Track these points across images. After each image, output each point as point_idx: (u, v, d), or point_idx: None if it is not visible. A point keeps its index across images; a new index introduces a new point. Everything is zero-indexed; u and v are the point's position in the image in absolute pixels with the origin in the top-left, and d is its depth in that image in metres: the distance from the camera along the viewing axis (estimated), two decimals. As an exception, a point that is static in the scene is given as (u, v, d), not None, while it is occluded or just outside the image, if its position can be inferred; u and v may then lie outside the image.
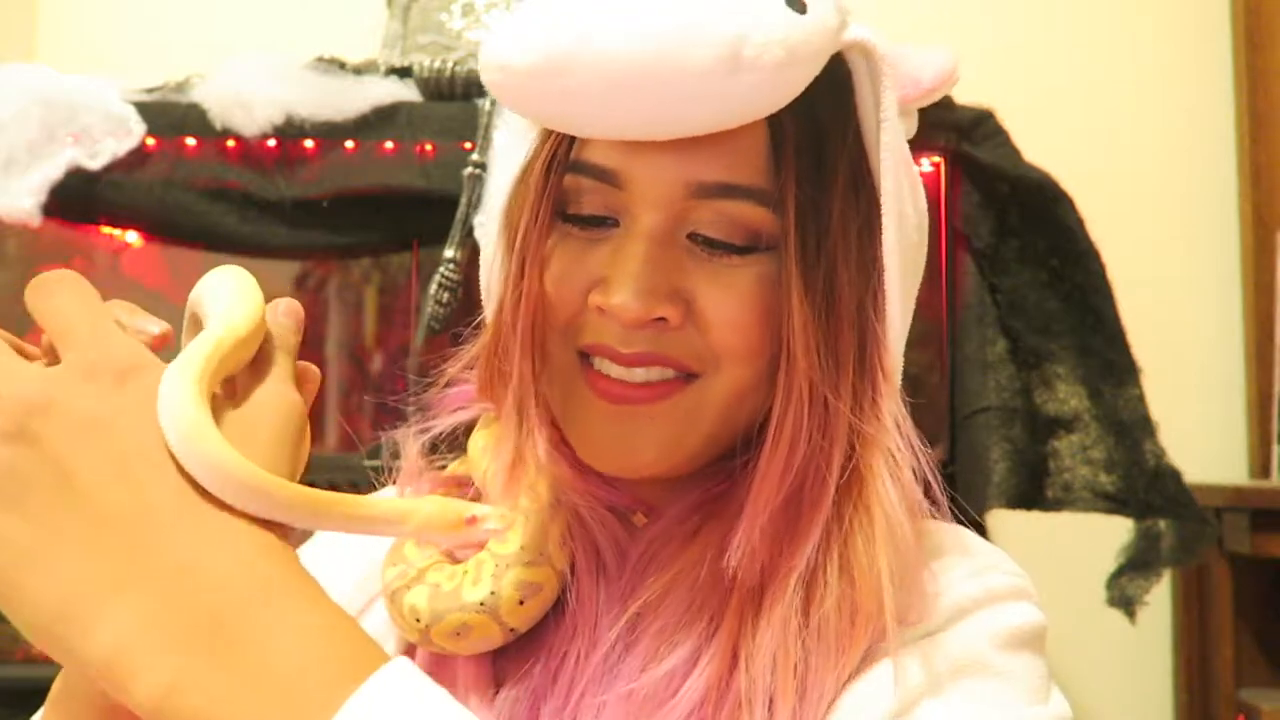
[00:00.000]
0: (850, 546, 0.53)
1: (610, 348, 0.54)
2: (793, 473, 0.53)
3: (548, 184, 0.56)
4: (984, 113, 1.34)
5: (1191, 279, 1.91)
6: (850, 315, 0.54)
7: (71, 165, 1.27)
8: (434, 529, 0.44)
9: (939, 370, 1.37)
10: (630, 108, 0.50)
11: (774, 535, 0.53)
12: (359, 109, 1.32)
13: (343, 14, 1.83)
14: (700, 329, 0.54)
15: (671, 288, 0.53)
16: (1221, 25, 1.94)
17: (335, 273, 1.46)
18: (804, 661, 0.51)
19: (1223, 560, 1.70)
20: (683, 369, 0.55)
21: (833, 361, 0.53)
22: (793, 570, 0.52)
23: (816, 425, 0.53)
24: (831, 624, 0.52)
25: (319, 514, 0.42)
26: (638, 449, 0.55)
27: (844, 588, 0.52)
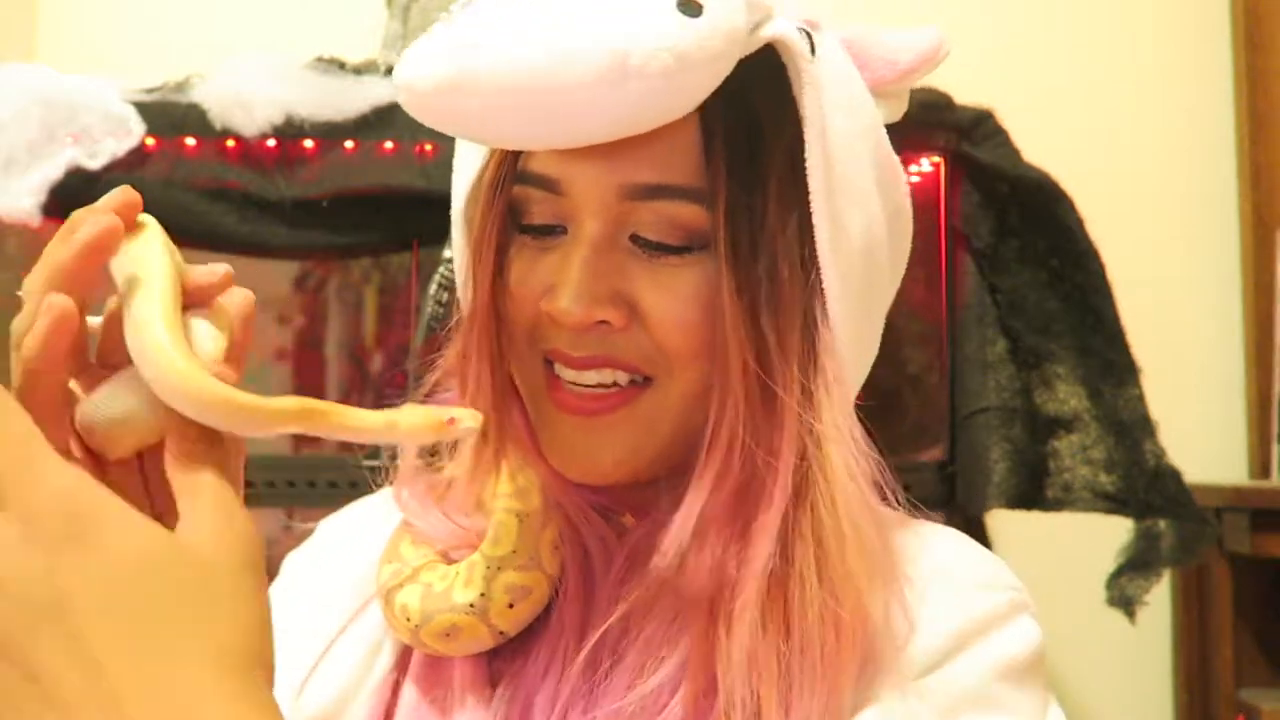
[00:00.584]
0: (823, 550, 0.52)
1: (562, 352, 0.56)
2: (734, 469, 0.53)
3: (495, 197, 0.57)
4: (984, 113, 1.34)
5: (1191, 279, 1.91)
6: (796, 309, 0.54)
7: (71, 165, 1.27)
8: (419, 433, 0.45)
9: (939, 370, 1.37)
10: (525, 121, 0.51)
11: (724, 537, 0.53)
12: (359, 109, 1.32)
13: (342, 14, 1.83)
14: (647, 331, 0.55)
15: (612, 291, 0.55)
16: (1221, 26, 1.94)
17: (335, 273, 1.46)
18: (787, 677, 0.51)
19: (1223, 560, 1.69)
20: (633, 371, 0.56)
21: (779, 357, 0.53)
22: (752, 574, 0.52)
23: (759, 419, 0.53)
24: (815, 638, 0.51)
25: (309, 424, 0.43)
26: (597, 458, 0.57)
27: (825, 597, 0.52)
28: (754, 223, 0.54)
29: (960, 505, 1.32)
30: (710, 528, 0.53)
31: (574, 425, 0.57)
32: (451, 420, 0.45)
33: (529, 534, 0.58)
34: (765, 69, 0.54)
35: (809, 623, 0.51)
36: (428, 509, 0.62)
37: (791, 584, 0.52)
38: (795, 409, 0.53)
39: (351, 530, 0.69)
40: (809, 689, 0.51)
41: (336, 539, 0.70)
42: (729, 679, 0.51)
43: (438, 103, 0.52)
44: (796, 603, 0.52)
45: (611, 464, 0.57)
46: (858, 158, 0.57)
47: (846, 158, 0.56)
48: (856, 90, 0.59)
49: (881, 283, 0.60)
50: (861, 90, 0.60)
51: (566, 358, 0.56)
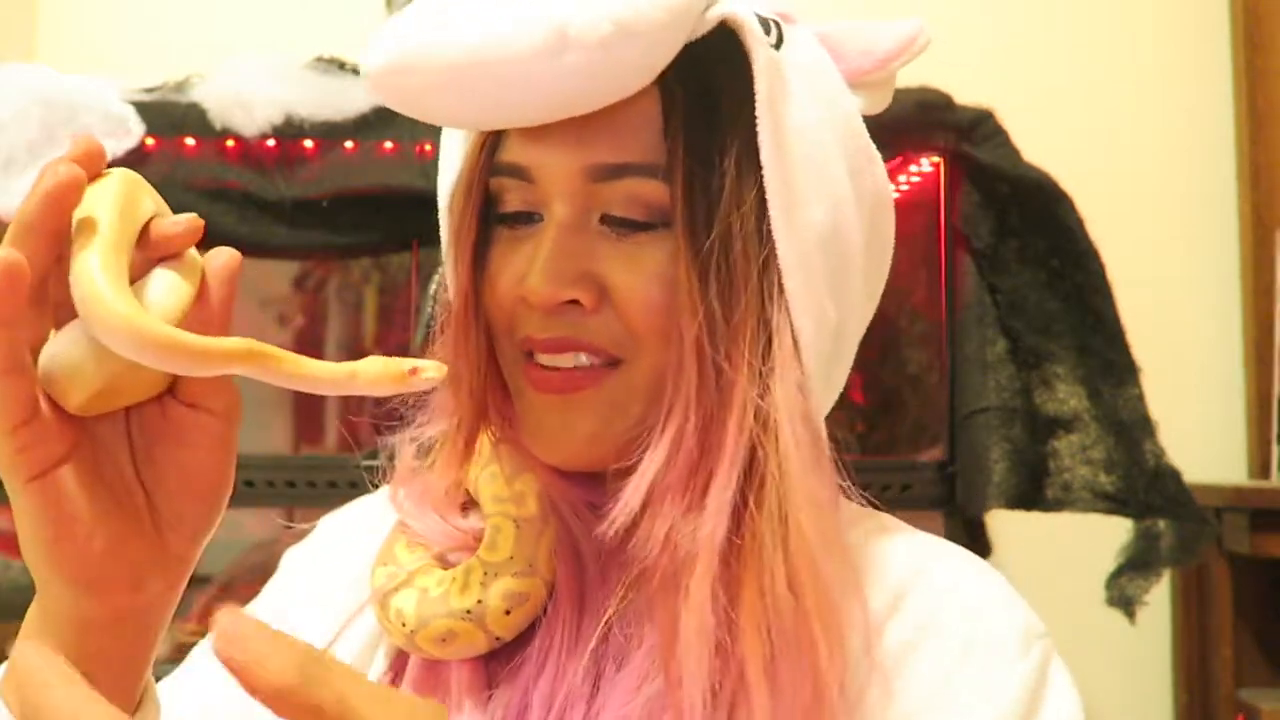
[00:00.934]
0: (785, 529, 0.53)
1: (533, 337, 0.56)
2: (686, 442, 0.53)
3: (472, 189, 0.58)
4: (984, 113, 1.34)
5: (1191, 279, 1.91)
6: (749, 287, 0.55)
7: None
8: (379, 383, 0.45)
9: (939, 370, 1.37)
10: (472, 97, 0.52)
11: (677, 508, 0.53)
12: (359, 109, 1.32)
13: (342, 14, 1.83)
14: (617, 312, 0.55)
15: (581, 271, 0.55)
16: (1221, 26, 1.94)
17: (335, 273, 1.46)
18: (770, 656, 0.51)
19: (1222, 560, 1.70)
20: (603, 354, 0.56)
21: (729, 332, 0.54)
22: (704, 548, 0.52)
23: (709, 393, 0.53)
24: (787, 612, 0.51)
25: (257, 367, 0.42)
26: (569, 437, 0.57)
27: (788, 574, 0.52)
28: (710, 197, 0.54)
29: (960, 505, 1.32)
30: (665, 497, 0.53)
31: (548, 405, 0.57)
32: (414, 370, 0.45)
33: (526, 540, 0.58)
34: (728, 53, 0.55)
35: (771, 598, 0.51)
36: (424, 510, 0.62)
37: (748, 561, 0.52)
38: (742, 383, 0.54)
39: (350, 529, 0.69)
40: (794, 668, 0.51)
41: (336, 537, 0.70)
42: (687, 658, 0.50)
43: (387, 83, 0.53)
44: (753, 578, 0.52)
45: (584, 444, 0.57)
46: (822, 144, 0.57)
47: (810, 141, 0.57)
48: (828, 81, 0.60)
49: (850, 270, 0.59)
50: (834, 82, 0.60)
51: (536, 342, 0.56)
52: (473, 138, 0.60)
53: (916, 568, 0.58)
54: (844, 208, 0.58)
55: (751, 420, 0.54)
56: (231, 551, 1.47)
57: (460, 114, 0.56)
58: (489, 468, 0.61)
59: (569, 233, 0.56)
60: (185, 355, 0.40)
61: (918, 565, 0.58)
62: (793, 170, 0.56)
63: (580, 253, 0.55)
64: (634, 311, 0.55)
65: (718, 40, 0.54)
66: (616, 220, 0.56)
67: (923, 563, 0.59)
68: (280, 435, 1.50)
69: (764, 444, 0.54)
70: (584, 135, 0.55)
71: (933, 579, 0.58)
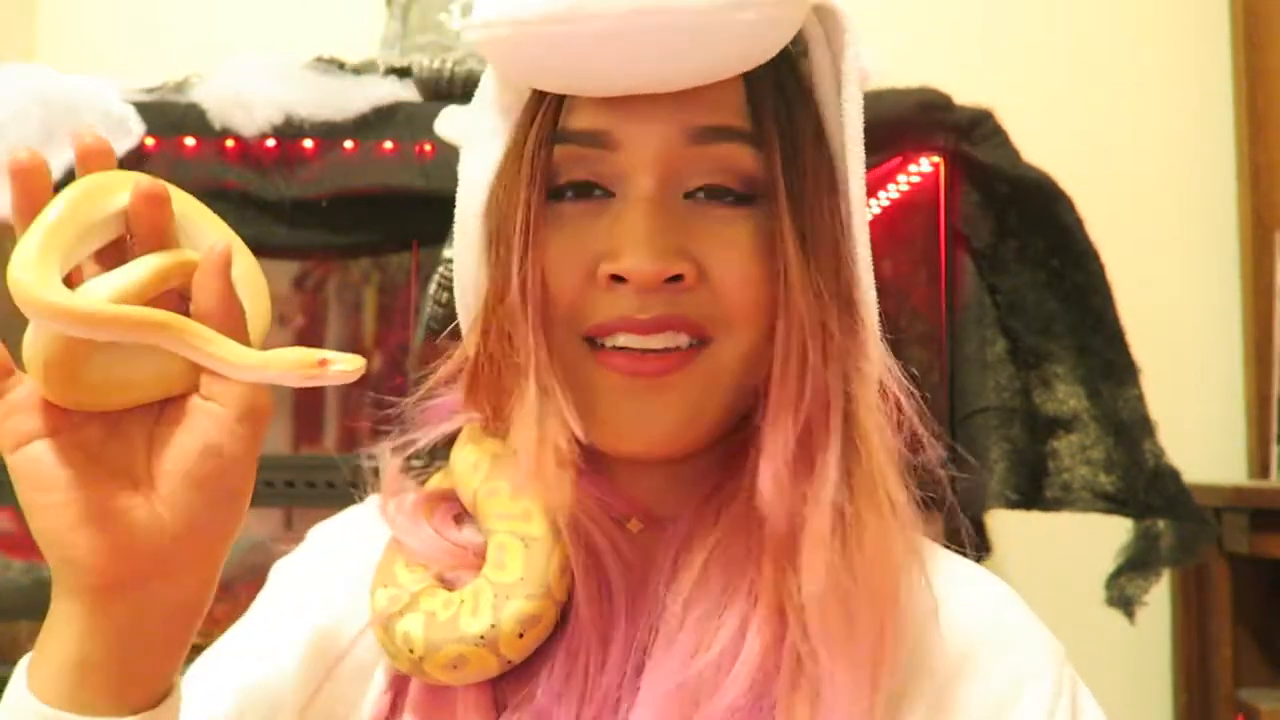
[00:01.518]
0: (872, 484, 0.54)
1: (628, 318, 0.53)
2: (803, 408, 0.53)
3: (536, 165, 0.55)
4: (983, 113, 1.34)
5: (1191, 279, 1.91)
6: (829, 259, 0.55)
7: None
8: (291, 374, 0.45)
9: (938, 370, 1.37)
10: (634, 54, 0.50)
11: (794, 477, 0.53)
12: (358, 109, 1.32)
13: (342, 14, 1.83)
14: (712, 289, 0.54)
15: (680, 245, 0.53)
16: (1220, 25, 1.94)
17: (334, 273, 1.46)
18: (849, 616, 0.52)
19: (1222, 560, 1.70)
20: (698, 332, 0.55)
21: (821, 299, 0.54)
22: (822, 511, 0.52)
23: (816, 357, 0.53)
24: (871, 562, 0.52)
25: (168, 339, 0.43)
26: (659, 421, 0.55)
27: (874, 522, 0.53)
28: (798, 171, 0.55)
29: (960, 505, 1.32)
30: (787, 467, 0.53)
31: (631, 391, 0.54)
32: (323, 362, 0.44)
33: (536, 560, 0.56)
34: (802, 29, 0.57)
35: (867, 558, 0.52)
36: (418, 525, 0.60)
37: (849, 519, 0.53)
38: (840, 344, 0.54)
39: (341, 538, 0.67)
40: (865, 617, 0.52)
41: (326, 546, 0.68)
42: (807, 619, 0.51)
43: (546, 32, 0.50)
44: (855, 533, 0.52)
45: (676, 428, 0.55)
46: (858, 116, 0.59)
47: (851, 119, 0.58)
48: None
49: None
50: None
51: (632, 322, 0.53)
52: (522, 110, 0.58)
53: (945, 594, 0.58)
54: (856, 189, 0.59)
55: (848, 382, 0.54)
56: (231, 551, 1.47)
57: (616, 71, 0.52)
58: (489, 483, 0.59)
59: (660, 207, 0.53)
60: (93, 322, 0.41)
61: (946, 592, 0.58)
62: (858, 149, 0.57)
63: (676, 227, 0.54)
64: (732, 288, 0.54)
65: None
66: (713, 190, 0.55)
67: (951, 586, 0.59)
68: (280, 435, 1.50)
69: (855, 406, 0.54)
70: (675, 99, 0.53)
71: (963, 606, 0.58)
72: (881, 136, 0.64)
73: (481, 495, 0.59)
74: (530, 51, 0.52)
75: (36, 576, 1.51)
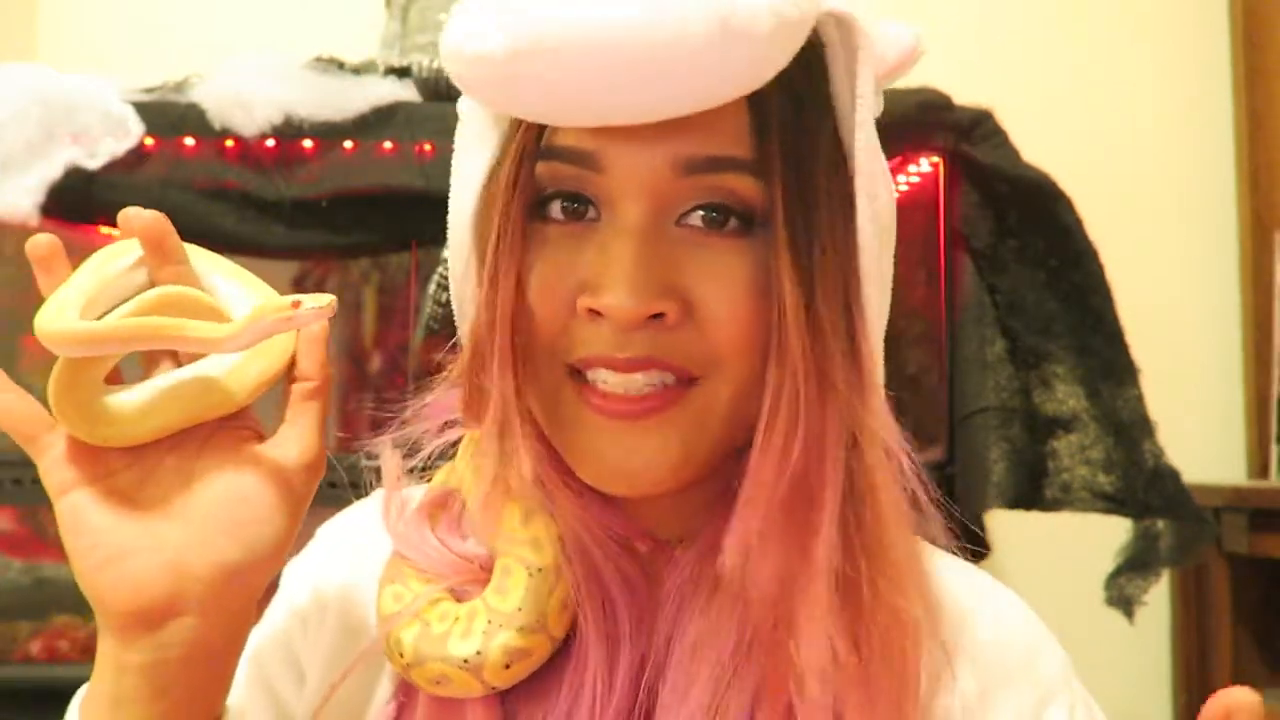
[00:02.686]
0: (881, 547, 0.51)
1: (606, 356, 0.50)
2: (790, 463, 0.49)
3: (518, 182, 0.52)
4: (983, 113, 1.34)
5: (1190, 279, 1.91)
6: (837, 297, 0.51)
7: (70, 165, 1.27)
8: (270, 322, 0.47)
9: (938, 370, 1.37)
10: (617, 88, 0.46)
11: (783, 536, 0.50)
12: (358, 109, 1.32)
13: (341, 14, 1.83)
14: (698, 327, 0.51)
15: (667, 283, 0.50)
16: (1220, 25, 1.94)
17: (334, 273, 1.46)
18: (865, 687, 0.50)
19: (1221, 560, 1.70)
20: (682, 374, 0.51)
21: (822, 345, 0.50)
22: (816, 574, 0.49)
23: (811, 409, 0.50)
24: (890, 642, 0.50)
25: (159, 338, 0.47)
26: (648, 464, 0.51)
27: (893, 597, 0.50)
28: (807, 201, 0.50)
29: (959, 505, 1.32)
30: (771, 528, 0.50)
31: (617, 431, 0.51)
32: (295, 304, 0.46)
33: (538, 592, 0.54)
34: (804, 54, 0.51)
35: (879, 627, 0.50)
36: (422, 536, 0.58)
37: (857, 586, 0.50)
38: (842, 393, 0.50)
39: (348, 534, 0.67)
40: (884, 698, 0.50)
41: (334, 543, 0.68)
42: (805, 696, 0.49)
43: (513, 70, 0.47)
44: (866, 607, 0.50)
45: (666, 470, 0.52)
46: (877, 141, 0.56)
47: (876, 139, 0.55)
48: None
49: (887, 275, 0.57)
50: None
51: (610, 361, 0.50)
52: (509, 125, 0.55)
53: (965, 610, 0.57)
54: (881, 205, 0.55)
55: (850, 435, 0.51)
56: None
57: (595, 105, 0.48)
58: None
59: (649, 240, 0.50)
60: (85, 339, 0.46)
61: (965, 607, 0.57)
62: (874, 173, 0.54)
63: (663, 261, 0.50)
64: (722, 325, 0.50)
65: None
66: (711, 217, 0.51)
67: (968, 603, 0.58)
68: (279, 435, 1.50)
69: (862, 459, 0.51)
70: (670, 125, 0.49)
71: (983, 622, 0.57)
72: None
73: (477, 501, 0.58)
74: (495, 87, 0.49)
75: (36, 576, 1.51)
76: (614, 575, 0.55)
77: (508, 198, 0.52)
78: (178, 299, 0.50)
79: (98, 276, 0.49)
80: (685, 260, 0.51)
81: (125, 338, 0.47)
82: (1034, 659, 0.58)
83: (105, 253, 0.51)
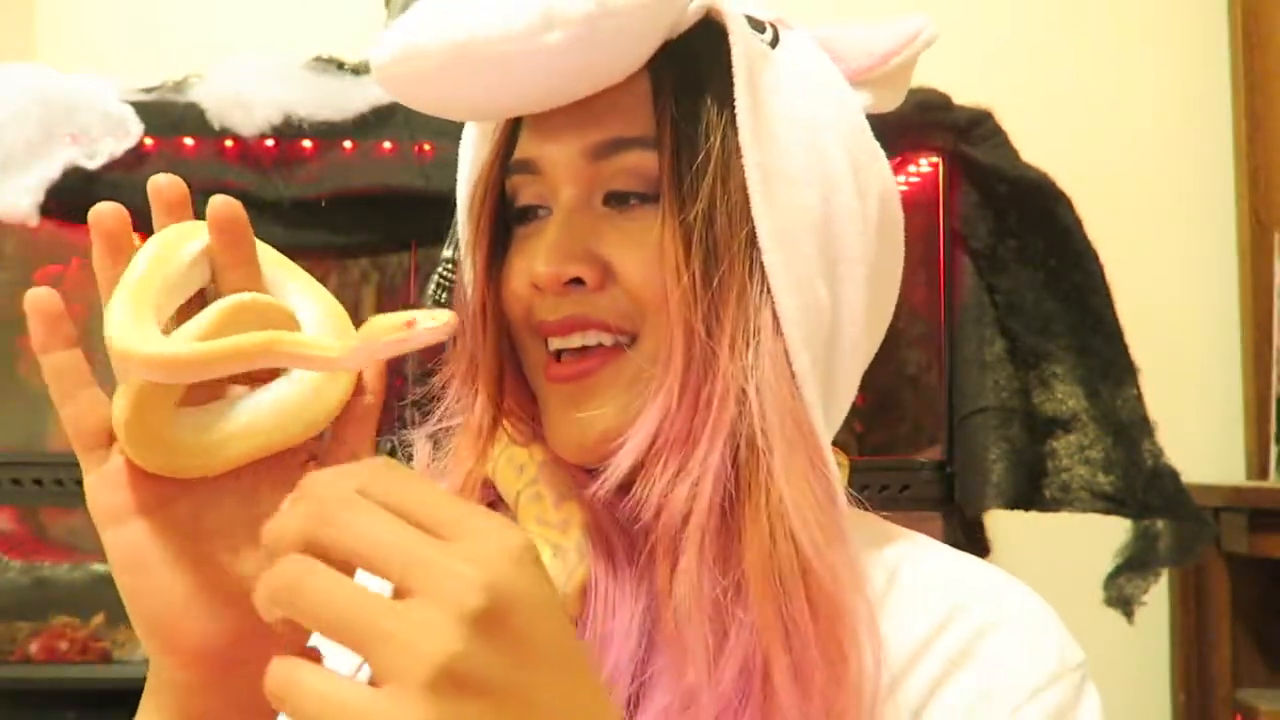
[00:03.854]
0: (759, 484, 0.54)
1: (546, 322, 0.57)
2: (671, 407, 0.54)
3: (487, 191, 0.61)
4: (982, 113, 1.34)
5: (1189, 279, 1.91)
6: (733, 260, 0.56)
7: (69, 165, 1.27)
8: (391, 342, 0.43)
9: (937, 370, 1.37)
10: (467, 82, 0.55)
11: (666, 475, 0.54)
12: (357, 109, 1.32)
13: (341, 14, 1.83)
14: (621, 288, 0.56)
15: (585, 250, 0.57)
16: (1219, 26, 1.94)
17: (333, 273, 1.46)
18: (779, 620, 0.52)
19: (1220, 560, 1.70)
20: (614, 331, 0.57)
21: (711, 302, 0.55)
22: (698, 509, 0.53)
23: (694, 361, 0.54)
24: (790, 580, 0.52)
25: (274, 356, 0.42)
26: (588, 426, 0.56)
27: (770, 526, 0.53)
28: (695, 169, 0.56)
29: (958, 505, 1.32)
30: (656, 462, 0.54)
31: (565, 397, 0.57)
32: (410, 323, 0.43)
33: (558, 571, 0.56)
34: (715, 46, 0.57)
35: (775, 568, 0.52)
36: None
37: (749, 528, 0.53)
38: (725, 355, 0.55)
39: None
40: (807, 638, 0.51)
41: None
42: (677, 618, 0.52)
43: (395, 71, 0.55)
44: (754, 546, 0.53)
45: (603, 431, 0.56)
46: (817, 134, 0.59)
47: (802, 128, 0.58)
48: (826, 79, 0.61)
49: (849, 257, 0.59)
50: (833, 80, 0.62)
51: (548, 325, 0.57)
52: (491, 142, 0.62)
53: (955, 601, 0.58)
54: (840, 196, 0.59)
55: (736, 390, 0.54)
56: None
57: (457, 100, 0.58)
58: (533, 487, 0.60)
59: (573, 215, 0.57)
60: (190, 365, 0.40)
61: (957, 599, 0.59)
62: (778, 152, 0.57)
63: (584, 233, 0.57)
64: (636, 285, 0.56)
65: (706, 35, 0.57)
66: (617, 195, 0.58)
67: (963, 595, 0.59)
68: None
69: (746, 413, 0.54)
70: (584, 119, 0.57)
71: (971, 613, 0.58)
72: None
73: (525, 498, 0.60)
74: (393, 88, 0.57)
75: (35, 576, 1.51)
76: (620, 542, 0.57)
77: (480, 208, 0.61)
78: (259, 309, 0.45)
79: (160, 274, 0.43)
80: (606, 230, 0.57)
81: (235, 361, 0.41)
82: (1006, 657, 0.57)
83: (163, 241, 0.44)
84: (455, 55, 0.53)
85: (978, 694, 0.56)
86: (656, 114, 0.57)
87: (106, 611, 1.45)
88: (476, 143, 0.65)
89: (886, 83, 0.65)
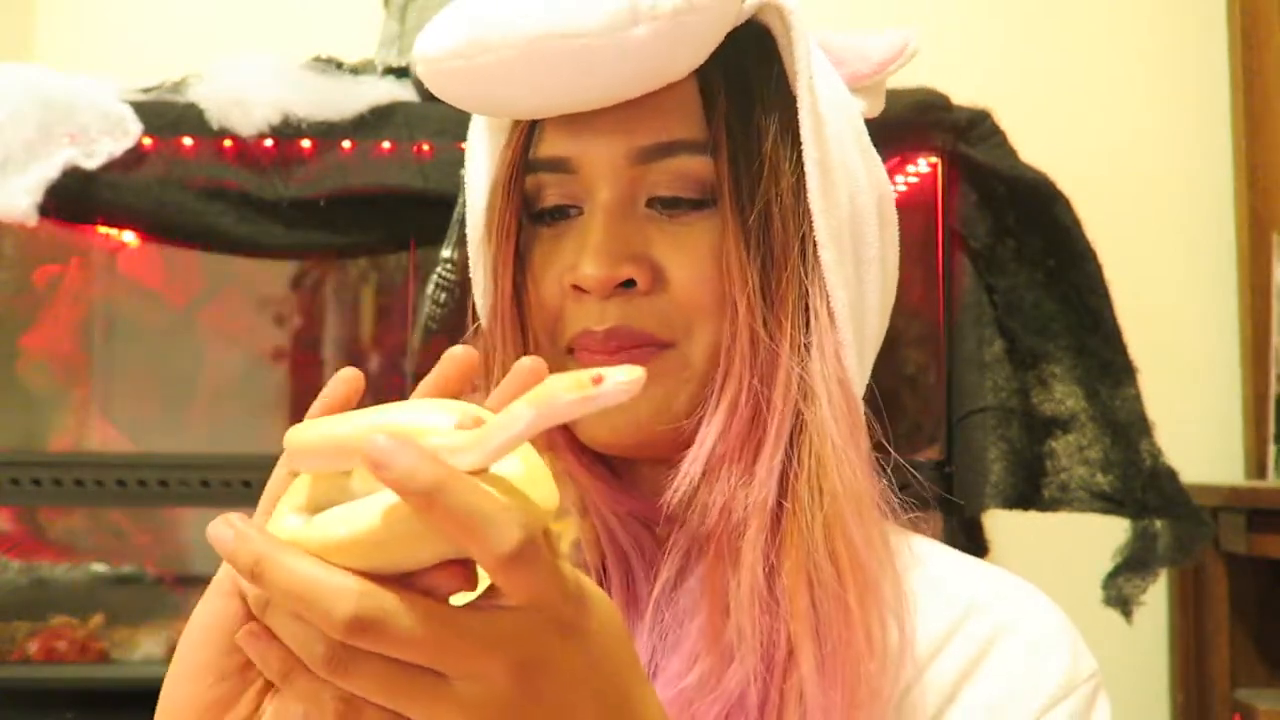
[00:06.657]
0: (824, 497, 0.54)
1: (588, 331, 0.56)
2: (740, 412, 0.54)
3: (509, 189, 0.59)
4: (981, 113, 1.34)
5: (1188, 279, 1.91)
6: (791, 262, 0.56)
7: (68, 165, 1.27)
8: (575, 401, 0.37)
9: (936, 370, 1.37)
10: (545, 75, 0.52)
11: (732, 475, 0.54)
12: (356, 109, 1.32)
13: (340, 14, 1.83)
14: (669, 293, 0.56)
15: (634, 251, 0.55)
16: (1218, 25, 1.95)
17: (332, 273, 1.46)
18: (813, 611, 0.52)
19: (1219, 560, 1.70)
20: (656, 342, 0.56)
21: (771, 305, 0.55)
22: (755, 511, 0.53)
23: (758, 365, 0.55)
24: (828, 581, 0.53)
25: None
26: (625, 416, 0.55)
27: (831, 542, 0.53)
28: (753, 173, 0.55)
29: (957, 505, 1.32)
30: (720, 466, 0.54)
31: None
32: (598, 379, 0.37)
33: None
34: (759, 41, 0.57)
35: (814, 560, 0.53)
36: None
37: (790, 527, 0.53)
38: (786, 356, 0.55)
39: None
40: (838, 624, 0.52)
41: None
42: (741, 618, 0.52)
43: (452, 66, 0.53)
44: (796, 544, 0.53)
45: (649, 413, 0.56)
46: (842, 133, 0.59)
47: (835, 125, 0.59)
48: (837, 80, 0.63)
49: (870, 255, 0.60)
50: (839, 81, 0.63)
51: (590, 335, 0.56)
52: (505, 137, 0.60)
53: (972, 603, 0.59)
54: (861, 195, 0.60)
55: (795, 388, 0.55)
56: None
57: (519, 97, 0.55)
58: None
59: (617, 216, 0.56)
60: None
61: (974, 601, 0.59)
62: (827, 150, 0.57)
63: (630, 234, 0.56)
64: (688, 290, 0.55)
65: (748, 34, 0.57)
66: (666, 200, 0.56)
67: (980, 599, 0.60)
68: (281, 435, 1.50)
69: (806, 410, 0.55)
70: (629, 119, 0.55)
71: (987, 617, 0.59)
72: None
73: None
74: (445, 84, 0.55)
75: (35, 576, 1.51)
76: (632, 547, 0.58)
77: (503, 206, 0.59)
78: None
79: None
80: (654, 233, 0.56)
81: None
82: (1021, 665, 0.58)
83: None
84: (529, 49, 0.51)
85: (991, 706, 0.56)
86: (710, 119, 0.56)
87: (105, 612, 1.45)
88: (489, 138, 0.63)
89: (874, 90, 0.66)
